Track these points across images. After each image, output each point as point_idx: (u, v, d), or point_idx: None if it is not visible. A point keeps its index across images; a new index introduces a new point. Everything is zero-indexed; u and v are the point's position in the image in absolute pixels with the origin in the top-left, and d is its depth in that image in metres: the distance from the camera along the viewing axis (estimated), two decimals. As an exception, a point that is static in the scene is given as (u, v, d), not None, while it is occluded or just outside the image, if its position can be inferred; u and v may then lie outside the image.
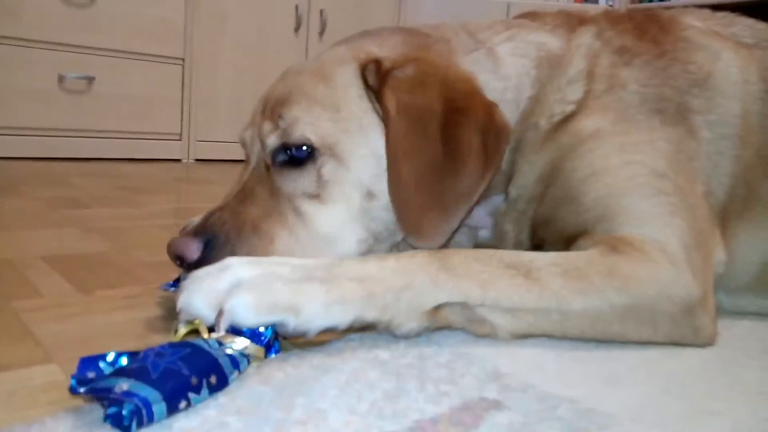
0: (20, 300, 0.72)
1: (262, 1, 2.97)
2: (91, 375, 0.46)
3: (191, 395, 0.45)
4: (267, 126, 0.71)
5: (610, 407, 0.51)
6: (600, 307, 0.62)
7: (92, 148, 2.52)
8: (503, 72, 0.80)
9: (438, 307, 0.61)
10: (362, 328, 0.61)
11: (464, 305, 0.61)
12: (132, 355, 0.48)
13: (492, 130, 0.69)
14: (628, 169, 0.71)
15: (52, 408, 0.46)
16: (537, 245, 0.79)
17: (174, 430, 0.43)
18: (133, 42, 2.57)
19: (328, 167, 0.69)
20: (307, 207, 0.69)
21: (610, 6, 3.63)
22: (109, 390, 0.42)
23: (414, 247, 0.68)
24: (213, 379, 0.47)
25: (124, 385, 0.42)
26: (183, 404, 0.44)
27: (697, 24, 0.86)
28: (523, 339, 0.64)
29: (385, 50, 0.74)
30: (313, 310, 0.55)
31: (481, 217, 0.83)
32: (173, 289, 0.69)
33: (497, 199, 0.81)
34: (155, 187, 1.91)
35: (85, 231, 1.15)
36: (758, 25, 0.88)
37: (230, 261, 0.59)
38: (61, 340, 0.61)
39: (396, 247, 0.75)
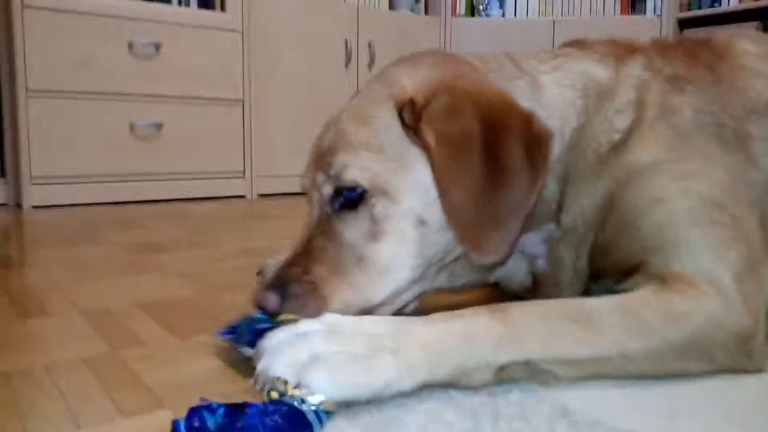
0: (126, 349, 0.81)
1: (313, 39, 3.10)
2: (196, 424, 0.52)
3: None
4: (320, 177, 0.76)
5: (675, 441, 0.55)
6: (658, 346, 0.66)
7: (162, 190, 2.68)
8: (546, 101, 0.81)
9: (503, 366, 0.64)
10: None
11: (528, 362, 0.64)
12: (236, 407, 0.54)
13: (533, 139, 0.72)
14: (686, 198, 0.73)
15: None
16: (594, 275, 0.82)
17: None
18: (196, 88, 2.73)
19: (379, 206, 0.73)
20: (364, 250, 0.73)
21: (658, 17, 3.60)
22: None
23: (474, 266, 0.78)
24: None
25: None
26: None
27: (752, 49, 0.87)
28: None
29: (418, 80, 0.77)
30: (385, 382, 0.60)
31: (536, 244, 0.85)
32: (230, 337, 0.74)
33: (549, 227, 0.84)
34: (224, 226, 2.02)
35: (169, 276, 1.25)
36: None
37: (308, 329, 0.63)
38: (168, 387, 0.69)
39: (447, 268, 0.78)
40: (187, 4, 2.77)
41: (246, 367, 0.74)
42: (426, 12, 3.76)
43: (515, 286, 0.91)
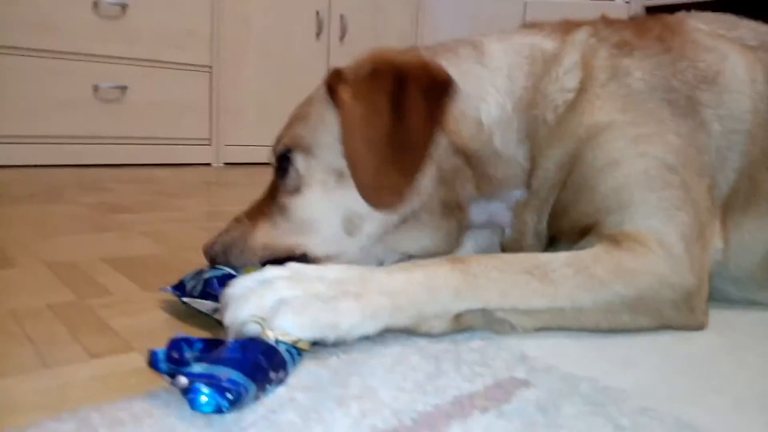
0: (93, 298, 0.81)
1: (284, 8, 3.06)
2: (175, 355, 0.53)
3: (268, 387, 0.52)
4: (270, 155, 0.86)
5: (624, 384, 0.58)
6: (609, 300, 0.69)
7: (126, 154, 2.64)
8: (490, 62, 0.85)
9: (460, 314, 0.67)
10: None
11: (484, 311, 0.68)
12: (213, 342, 0.56)
13: (430, 84, 0.76)
14: (641, 161, 0.77)
15: (143, 388, 0.54)
16: (552, 237, 0.85)
17: (249, 404, 0.51)
18: (162, 51, 2.68)
19: (299, 161, 0.80)
20: (286, 200, 0.81)
21: (627, 2, 3.65)
22: (207, 376, 0.48)
23: (431, 230, 0.82)
24: (282, 375, 0.54)
25: (224, 373, 0.49)
26: (261, 394, 0.52)
27: (702, 27, 0.90)
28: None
29: (355, 62, 0.82)
30: (350, 325, 0.61)
31: (502, 212, 0.88)
32: (177, 292, 0.77)
33: (516, 194, 0.86)
34: (189, 191, 2.00)
35: (135, 234, 1.24)
36: (761, 28, 0.93)
37: (271, 275, 0.63)
38: (136, 332, 0.69)
39: (398, 231, 0.81)
40: (155, -35, 2.70)
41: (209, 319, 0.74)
42: (399, -14, 3.73)
43: None
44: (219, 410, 0.47)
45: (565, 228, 0.82)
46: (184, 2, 2.72)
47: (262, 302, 0.60)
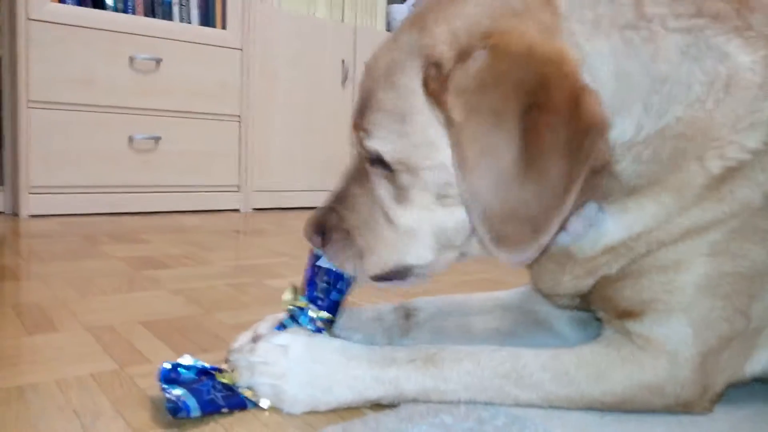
0: (133, 366, 0.85)
1: (311, 58, 3.16)
2: (173, 376, 0.73)
3: (220, 412, 0.71)
4: (354, 135, 0.74)
5: (646, 468, 0.60)
6: (589, 404, 0.72)
7: (159, 202, 2.72)
8: (660, 69, 0.64)
9: None
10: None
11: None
12: (205, 372, 0.75)
13: (578, 127, 0.59)
14: (726, 263, 0.69)
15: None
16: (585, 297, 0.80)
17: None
18: (194, 102, 2.78)
19: (402, 176, 0.69)
20: (393, 212, 0.72)
21: None
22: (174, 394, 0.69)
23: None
24: (235, 410, 0.72)
25: (181, 395, 0.69)
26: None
27: None
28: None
29: (454, 27, 0.64)
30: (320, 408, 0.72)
31: (577, 228, 0.74)
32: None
33: (599, 219, 0.72)
34: (219, 241, 2.06)
35: (170, 293, 1.29)
36: None
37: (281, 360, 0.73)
38: (175, 405, 0.73)
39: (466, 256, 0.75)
40: (189, 21, 2.82)
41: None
42: (422, 33, 3.82)
43: None
44: (174, 414, 0.67)
45: (608, 298, 0.77)
46: (214, 56, 2.83)
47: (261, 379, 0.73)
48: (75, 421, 0.68)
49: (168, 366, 0.73)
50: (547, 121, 0.58)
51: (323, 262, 0.81)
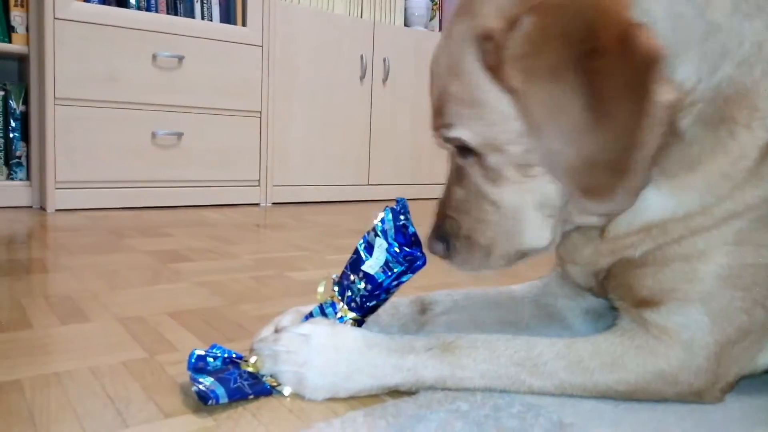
0: (163, 354, 0.89)
1: (330, 54, 3.18)
2: (201, 365, 0.77)
3: (246, 399, 0.74)
4: (437, 136, 0.76)
5: (657, 454, 0.62)
6: (599, 392, 0.73)
7: (181, 196, 2.77)
8: (713, 14, 0.64)
9: None
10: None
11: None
12: (232, 361, 0.79)
13: (635, 61, 0.58)
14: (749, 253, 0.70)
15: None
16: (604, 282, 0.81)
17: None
18: (216, 99, 2.82)
19: (491, 158, 0.71)
20: (493, 194, 0.73)
21: None
22: (202, 383, 0.72)
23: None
24: (261, 395, 0.75)
25: (209, 384, 0.72)
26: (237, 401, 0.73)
27: None
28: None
29: (505, 1, 0.65)
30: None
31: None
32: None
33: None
34: (240, 235, 2.10)
35: (194, 285, 1.33)
36: None
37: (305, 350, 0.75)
38: (204, 392, 0.76)
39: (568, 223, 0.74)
40: (210, 19, 2.86)
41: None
42: (440, 29, 3.84)
43: None
44: (205, 402, 0.70)
45: (622, 288, 0.79)
46: (236, 53, 2.87)
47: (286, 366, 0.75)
48: (110, 406, 0.71)
49: (196, 355, 0.77)
50: (601, 64, 0.59)
51: (367, 267, 0.82)
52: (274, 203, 3.07)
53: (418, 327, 0.92)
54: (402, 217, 0.83)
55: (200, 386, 0.71)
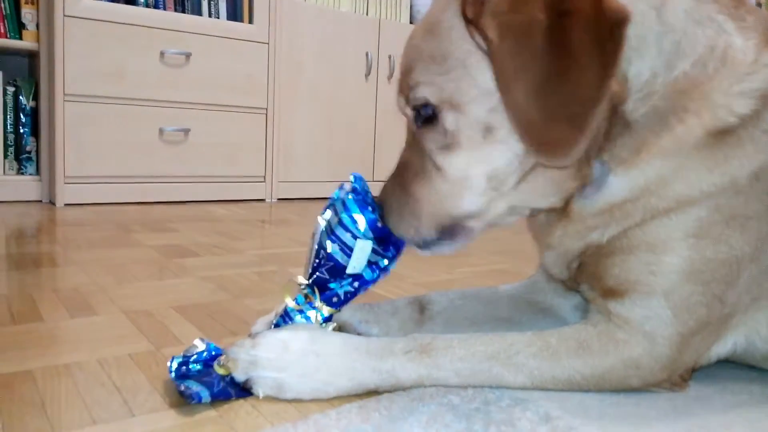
0: (168, 347, 0.92)
1: (335, 51, 3.21)
2: (183, 370, 0.77)
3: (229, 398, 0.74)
4: (401, 99, 0.78)
5: (638, 447, 0.65)
6: (570, 379, 0.77)
7: (188, 192, 2.81)
8: (667, 16, 0.71)
9: None
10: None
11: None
12: (210, 360, 0.79)
13: (603, 21, 0.64)
14: (712, 248, 0.73)
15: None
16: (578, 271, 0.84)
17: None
18: (222, 95, 2.86)
19: (449, 118, 0.73)
20: (442, 160, 0.75)
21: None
22: (187, 386, 0.73)
23: (552, 181, 0.74)
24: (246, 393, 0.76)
25: (194, 387, 0.73)
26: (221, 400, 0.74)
27: None
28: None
29: None
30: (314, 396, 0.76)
31: (588, 192, 0.78)
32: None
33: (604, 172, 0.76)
34: (246, 231, 2.13)
35: (199, 280, 1.36)
36: None
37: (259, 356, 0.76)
38: (206, 383, 0.80)
39: (527, 182, 0.75)
40: (217, 16, 2.90)
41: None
42: (446, 25, 3.85)
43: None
44: (189, 401, 0.72)
45: (591, 275, 0.82)
46: (242, 50, 2.90)
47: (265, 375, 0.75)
48: (117, 395, 0.75)
49: (177, 362, 0.78)
50: (575, 21, 0.64)
51: (352, 269, 0.84)
52: (279, 199, 3.10)
53: (417, 326, 0.95)
54: (368, 203, 0.85)
55: (183, 387, 0.73)
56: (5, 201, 2.59)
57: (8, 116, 2.66)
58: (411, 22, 3.70)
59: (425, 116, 0.75)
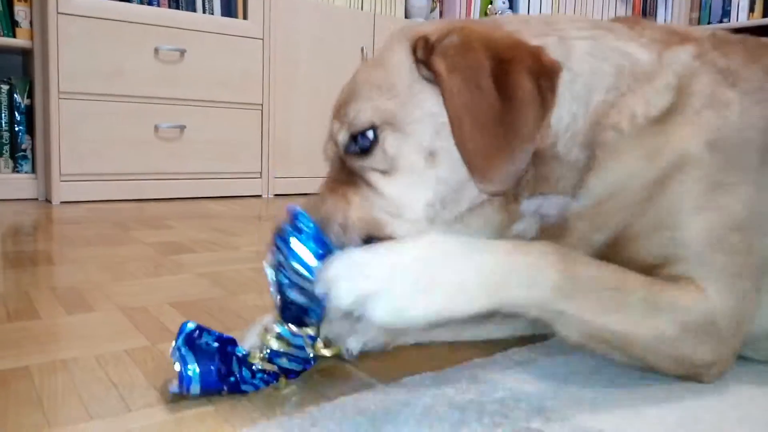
0: (164, 343, 0.93)
1: (331, 47, 3.21)
2: (196, 335, 0.74)
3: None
4: (336, 125, 0.79)
5: (630, 436, 0.65)
6: (663, 329, 0.73)
7: (183, 188, 2.81)
8: (572, 64, 0.78)
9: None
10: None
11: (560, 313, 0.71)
12: (227, 340, 0.75)
13: (542, 70, 0.72)
14: (714, 216, 0.75)
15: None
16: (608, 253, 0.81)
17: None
18: (218, 92, 2.86)
19: (389, 140, 0.74)
20: (377, 179, 0.76)
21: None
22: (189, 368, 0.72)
23: (490, 218, 0.78)
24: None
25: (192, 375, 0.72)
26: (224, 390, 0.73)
27: None
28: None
29: (434, 27, 0.78)
30: (445, 312, 0.66)
31: (550, 208, 0.82)
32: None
33: (565, 200, 0.81)
34: (241, 227, 2.14)
35: (196, 276, 1.37)
36: None
37: (365, 259, 0.66)
38: (203, 378, 0.80)
39: (463, 218, 0.78)
40: (212, 12, 2.89)
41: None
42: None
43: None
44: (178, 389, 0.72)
45: (629, 256, 0.80)
46: (237, 46, 2.90)
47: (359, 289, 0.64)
48: (113, 391, 0.75)
49: (189, 329, 0.74)
50: (517, 69, 0.72)
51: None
52: (275, 195, 3.11)
53: (403, 331, 0.92)
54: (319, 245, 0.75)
55: (183, 369, 0.71)
56: (1, 199, 2.59)
57: (3, 114, 2.66)
58: (406, 17, 3.70)
59: (362, 146, 0.76)
